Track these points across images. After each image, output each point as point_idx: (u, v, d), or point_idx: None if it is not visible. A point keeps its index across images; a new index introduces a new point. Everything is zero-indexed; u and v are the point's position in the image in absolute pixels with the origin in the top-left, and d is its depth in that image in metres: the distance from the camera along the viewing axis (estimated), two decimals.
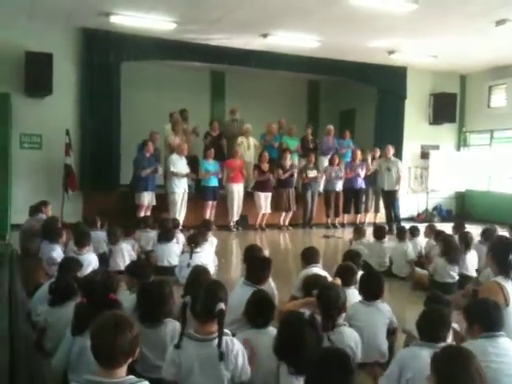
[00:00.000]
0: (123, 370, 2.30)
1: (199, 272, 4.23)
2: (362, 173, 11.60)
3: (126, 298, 3.83)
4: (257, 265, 4.38)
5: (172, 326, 3.30)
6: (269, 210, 11.10)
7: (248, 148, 11.58)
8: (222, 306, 2.84)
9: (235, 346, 2.87)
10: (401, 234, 7.30)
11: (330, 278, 4.37)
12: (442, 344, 2.90)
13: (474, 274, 6.29)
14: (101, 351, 2.27)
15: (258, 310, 3.30)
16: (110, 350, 2.24)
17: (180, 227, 8.48)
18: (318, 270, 4.82)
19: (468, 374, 2.28)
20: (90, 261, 5.47)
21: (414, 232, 7.60)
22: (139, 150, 10.18)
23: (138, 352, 2.37)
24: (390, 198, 11.48)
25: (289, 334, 2.79)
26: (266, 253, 8.22)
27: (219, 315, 2.82)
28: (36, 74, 9.56)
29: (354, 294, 4.05)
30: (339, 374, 2.24)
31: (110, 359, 2.26)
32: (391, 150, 11.60)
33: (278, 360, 2.81)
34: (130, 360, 2.32)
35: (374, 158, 11.92)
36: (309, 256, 5.06)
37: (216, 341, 2.80)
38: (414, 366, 2.84)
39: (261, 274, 4.24)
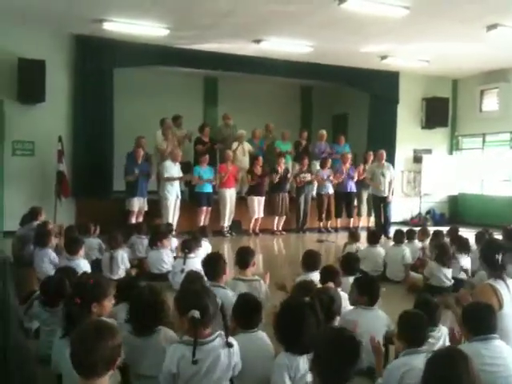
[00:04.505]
0: (104, 381, 2.18)
1: (193, 278, 4.21)
2: (355, 175, 11.60)
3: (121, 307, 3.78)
4: (241, 252, 4.79)
5: (164, 333, 3.19)
6: (262, 215, 11.07)
7: (244, 154, 11.56)
8: (196, 313, 2.73)
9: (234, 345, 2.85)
10: (398, 237, 7.18)
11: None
12: (425, 347, 3.03)
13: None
14: (80, 357, 2.15)
15: (245, 314, 3.30)
16: (88, 355, 2.13)
17: (173, 233, 8.45)
18: (316, 275, 4.79)
19: (460, 377, 2.27)
20: (82, 267, 5.43)
21: (411, 235, 7.55)
22: (129, 157, 10.14)
23: (119, 362, 2.26)
24: (381, 203, 11.36)
25: (289, 316, 2.84)
26: (260, 257, 8.23)
27: (193, 322, 2.72)
28: (29, 81, 9.53)
29: (343, 297, 4.05)
30: (348, 357, 2.27)
31: (89, 366, 2.15)
32: (384, 155, 11.50)
33: (278, 341, 2.88)
34: (110, 372, 2.20)
35: (366, 162, 11.90)
36: (309, 262, 5.07)
37: (215, 342, 2.76)
38: (411, 380, 2.82)
39: (245, 260, 4.66)
